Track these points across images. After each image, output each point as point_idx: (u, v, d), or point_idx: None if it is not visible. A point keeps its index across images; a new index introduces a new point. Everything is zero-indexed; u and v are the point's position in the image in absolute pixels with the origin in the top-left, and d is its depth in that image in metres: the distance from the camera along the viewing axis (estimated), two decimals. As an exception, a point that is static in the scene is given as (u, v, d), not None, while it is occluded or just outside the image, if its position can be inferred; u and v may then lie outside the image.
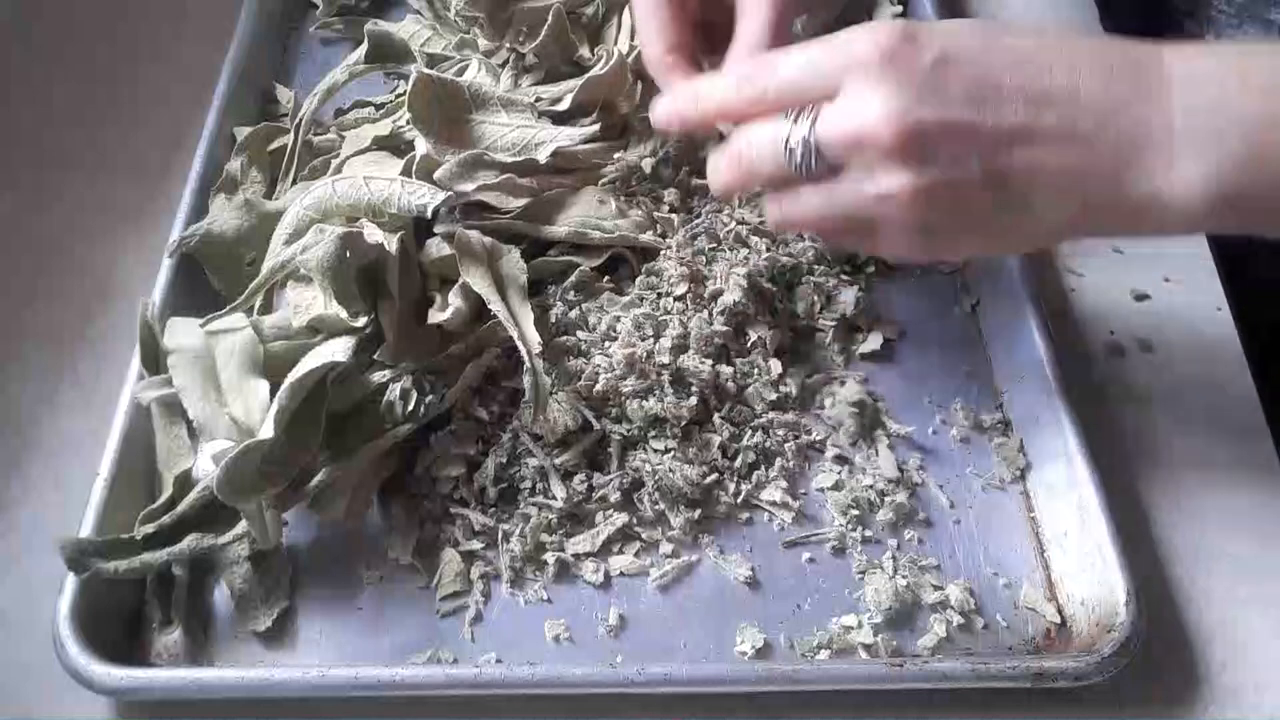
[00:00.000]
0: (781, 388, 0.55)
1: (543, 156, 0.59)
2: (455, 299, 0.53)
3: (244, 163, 0.62)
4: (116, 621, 0.48)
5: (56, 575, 0.47)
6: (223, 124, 0.64)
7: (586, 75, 0.62)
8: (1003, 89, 0.41)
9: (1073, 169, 0.41)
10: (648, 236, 0.59)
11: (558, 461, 0.52)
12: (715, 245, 0.59)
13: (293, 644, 0.49)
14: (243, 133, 0.63)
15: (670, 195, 0.61)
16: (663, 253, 0.59)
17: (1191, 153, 0.40)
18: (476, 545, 0.51)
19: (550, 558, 0.50)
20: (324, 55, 0.73)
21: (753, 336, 0.56)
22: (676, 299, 0.56)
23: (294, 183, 0.61)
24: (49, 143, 0.68)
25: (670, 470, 0.51)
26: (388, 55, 0.67)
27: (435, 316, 0.53)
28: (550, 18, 0.63)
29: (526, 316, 0.53)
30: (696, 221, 0.60)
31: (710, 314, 0.55)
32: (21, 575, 0.50)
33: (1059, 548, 0.51)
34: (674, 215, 0.60)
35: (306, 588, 0.50)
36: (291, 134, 0.63)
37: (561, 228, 0.58)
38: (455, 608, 0.49)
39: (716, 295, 0.56)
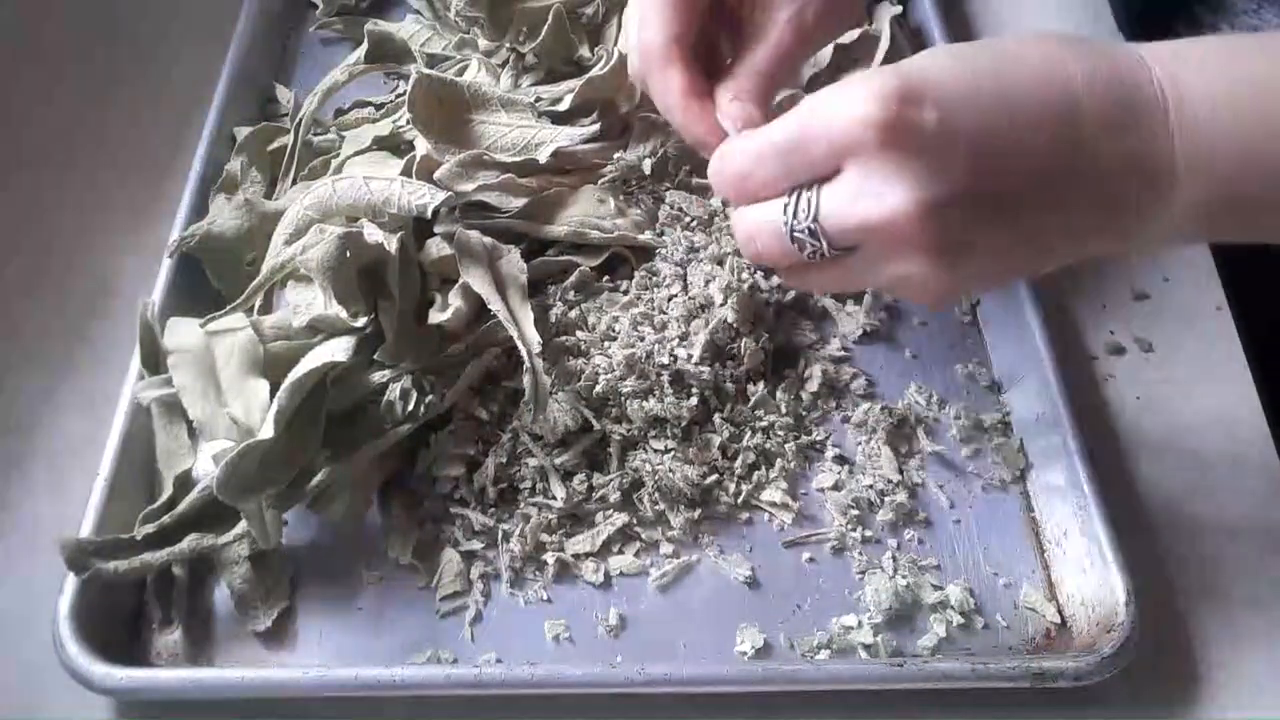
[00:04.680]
0: (779, 394, 0.55)
1: (543, 156, 0.59)
2: (455, 299, 0.53)
3: (244, 163, 0.62)
4: (116, 621, 0.48)
5: (56, 575, 0.47)
6: (223, 124, 0.64)
7: (587, 75, 0.62)
8: (1009, 140, 0.38)
9: (1072, 197, 0.39)
10: (647, 236, 0.59)
11: (558, 461, 0.52)
12: (706, 246, 0.59)
13: (293, 644, 0.49)
14: (243, 133, 0.63)
15: (671, 195, 0.61)
16: (658, 252, 0.59)
17: (1190, 175, 0.39)
18: (476, 545, 0.51)
19: (550, 558, 0.50)
20: (324, 55, 0.73)
21: (746, 349, 0.55)
22: (672, 298, 0.56)
23: (294, 183, 0.61)
24: (49, 143, 0.68)
25: (670, 470, 0.51)
26: (388, 55, 0.67)
27: (435, 316, 0.53)
28: (550, 18, 0.63)
29: (526, 316, 0.53)
30: (690, 219, 0.60)
31: (706, 320, 0.55)
32: (21, 575, 0.50)
33: (1059, 548, 0.51)
34: (674, 211, 0.60)
35: (306, 588, 0.50)
36: (291, 134, 0.63)
37: (561, 227, 0.58)
38: (455, 608, 0.49)
39: (708, 304, 0.56)
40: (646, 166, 0.60)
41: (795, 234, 0.40)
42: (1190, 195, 0.39)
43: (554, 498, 0.51)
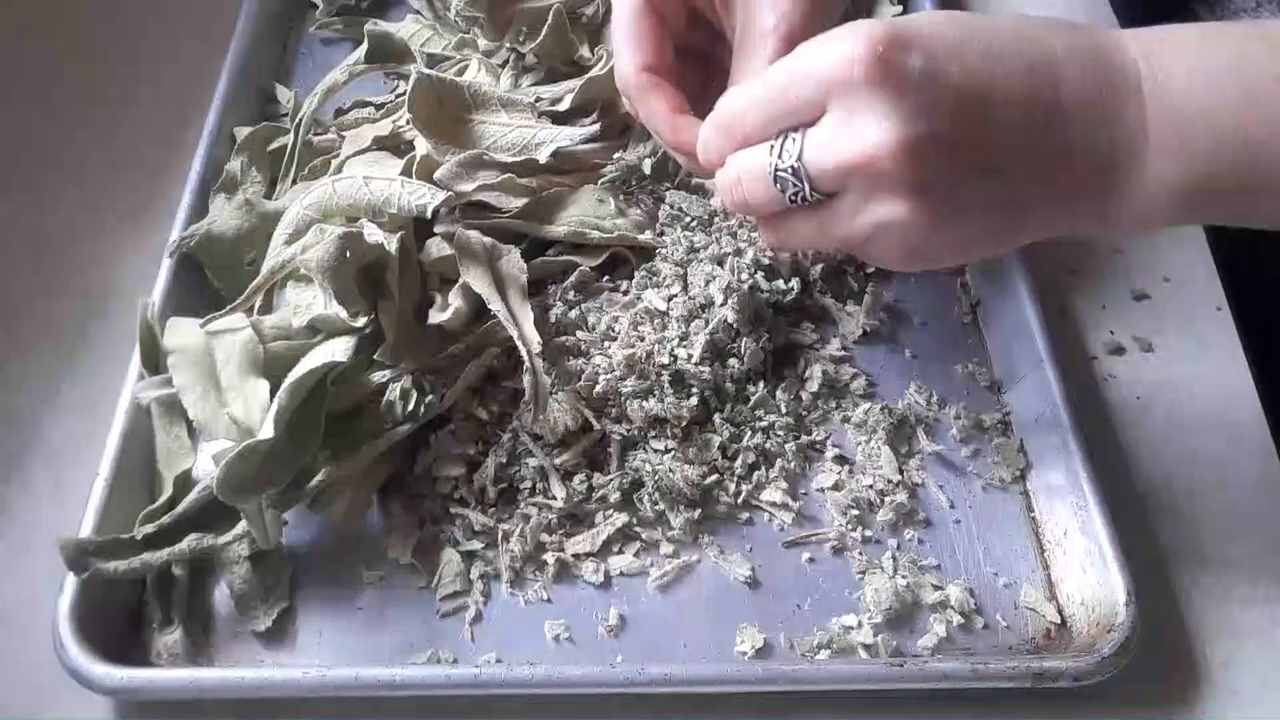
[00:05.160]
0: (779, 394, 0.55)
1: (543, 156, 0.59)
2: (455, 299, 0.53)
3: (244, 163, 0.62)
4: (116, 621, 0.48)
5: (56, 575, 0.47)
6: (223, 124, 0.64)
7: (587, 76, 0.62)
8: (990, 90, 0.39)
9: (1053, 157, 0.40)
10: (647, 236, 0.59)
11: (558, 461, 0.52)
12: (706, 246, 0.59)
13: (293, 644, 0.49)
14: (243, 133, 0.63)
15: (671, 195, 0.61)
16: (658, 252, 0.59)
17: (1163, 148, 0.40)
18: (476, 545, 0.51)
19: (550, 558, 0.50)
20: (324, 55, 0.73)
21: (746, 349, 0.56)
22: (672, 298, 0.56)
23: (294, 183, 0.61)
24: (49, 143, 0.68)
25: (670, 470, 0.51)
26: (387, 55, 0.67)
27: (435, 316, 0.53)
28: (550, 17, 0.63)
29: (526, 316, 0.53)
30: (690, 219, 0.60)
31: (706, 320, 0.55)
32: (21, 575, 0.50)
33: (1059, 548, 0.51)
34: (674, 211, 0.60)
35: (306, 588, 0.50)
36: (291, 134, 0.63)
37: (561, 227, 0.58)
38: (455, 608, 0.49)
39: (708, 304, 0.56)
40: (647, 166, 0.60)
41: (779, 174, 0.41)
42: (1164, 169, 0.40)
43: (554, 498, 0.51)
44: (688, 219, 0.60)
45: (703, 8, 0.49)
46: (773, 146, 0.41)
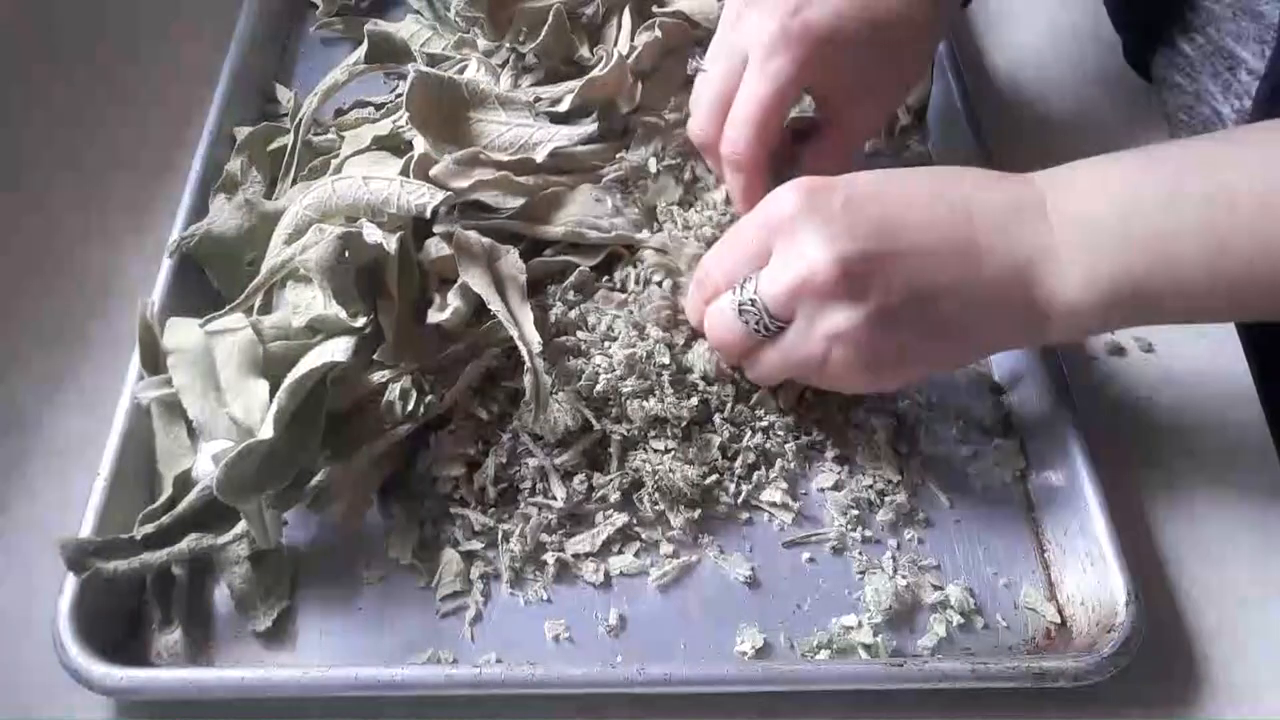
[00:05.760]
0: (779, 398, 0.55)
1: (540, 156, 0.59)
2: (454, 299, 0.53)
3: (244, 163, 0.62)
4: (116, 621, 0.48)
5: (56, 575, 0.47)
6: (223, 124, 0.64)
7: (586, 77, 0.62)
8: (905, 216, 0.46)
9: (975, 281, 0.46)
10: (645, 235, 0.59)
11: (558, 461, 0.52)
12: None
13: (293, 644, 0.49)
14: (243, 133, 0.63)
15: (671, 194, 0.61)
16: (652, 252, 0.58)
17: (1071, 257, 0.45)
18: (476, 545, 0.51)
19: (550, 558, 0.50)
20: (324, 55, 0.73)
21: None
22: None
23: (294, 183, 0.61)
24: (49, 143, 0.68)
25: (670, 470, 0.51)
26: (387, 55, 0.67)
27: (434, 317, 0.53)
28: (550, 17, 0.63)
29: (526, 316, 0.52)
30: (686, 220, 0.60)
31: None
32: (21, 575, 0.50)
33: (1059, 548, 0.51)
34: (674, 209, 0.60)
35: (306, 588, 0.50)
36: (291, 134, 0.63)
37: (558, 227, 0.58)
38: (455, 608, 0.49)
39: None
40: (652, 165, 0.60)
41: (742, 308, 0.48)
42: (1075, 274, 0.45)
43: (554, 498, 0.51)
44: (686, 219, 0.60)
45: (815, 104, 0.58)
46: (735, 288, 0.49)
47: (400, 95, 0.65)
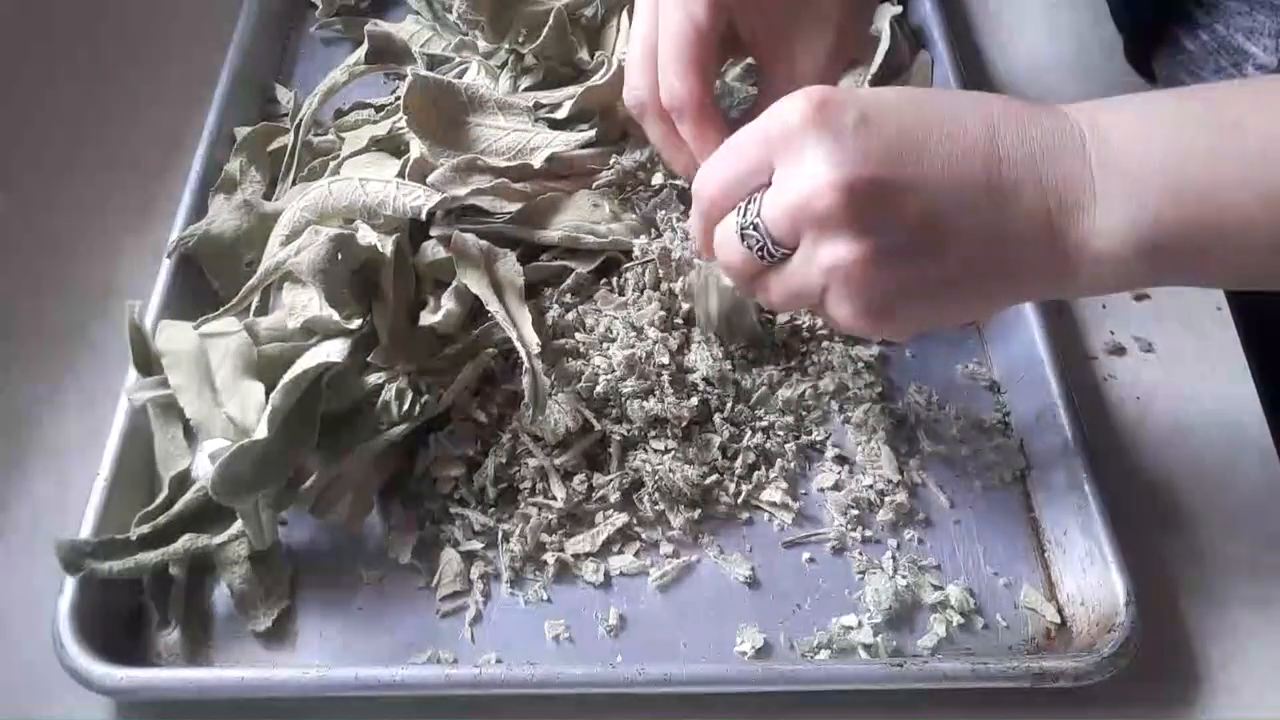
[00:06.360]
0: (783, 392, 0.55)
1: (537, 161, 0.58)
2: (448, 301, 0.53)
3: (243, 163, 0.62)
4: (116, 621, 0.48)
5: (56, 575, 0.47)
6: (223, 124, 0.64)
7: (586, 85, 0.61)
8: (925, 143, 0.40)
9: (998, 222, 0.40)
10: (642, 241, 0.59)
11: (558, 462, 0.52)
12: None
13: (293, 644, 0.49)
14: (243, 133, 0.63)
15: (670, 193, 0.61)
16: (642, 253, 0.58)
17: (1110, 203, 0.40)
18: (476, 545, 0.51)
19: (550, 558, 0.50)
20: (324, 55, 0.73)
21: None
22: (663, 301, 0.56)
23: (293, 183, 0.61)
24: (49, 143, 0.68)
25: (670, 470, 0.51)
26: (387, 56, 0.67)
27: (427, 319, 0.53)
28: (551, 18, 0.62)
29: (524, 318, 0.52)
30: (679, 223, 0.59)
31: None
32: (21, 575, 0.50)
33: (1059, 548, 0.51)
34: (673, 218, 0.60)
35: (306, 588, 0.50)
36: (291, 134, 0.63)
37: (555, 232, 0.58)
38: (455, 608, 0.49)
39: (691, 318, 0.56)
40: (658, 179, 0.60)
41: (744, 231, 0.43)
42: (1114, 222, 0.40)
43: (554, 498, 0.51)
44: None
45: (747, 47, 0.51)
46: (738, 208, 0.43)
47: (400, 97, 0.65)
